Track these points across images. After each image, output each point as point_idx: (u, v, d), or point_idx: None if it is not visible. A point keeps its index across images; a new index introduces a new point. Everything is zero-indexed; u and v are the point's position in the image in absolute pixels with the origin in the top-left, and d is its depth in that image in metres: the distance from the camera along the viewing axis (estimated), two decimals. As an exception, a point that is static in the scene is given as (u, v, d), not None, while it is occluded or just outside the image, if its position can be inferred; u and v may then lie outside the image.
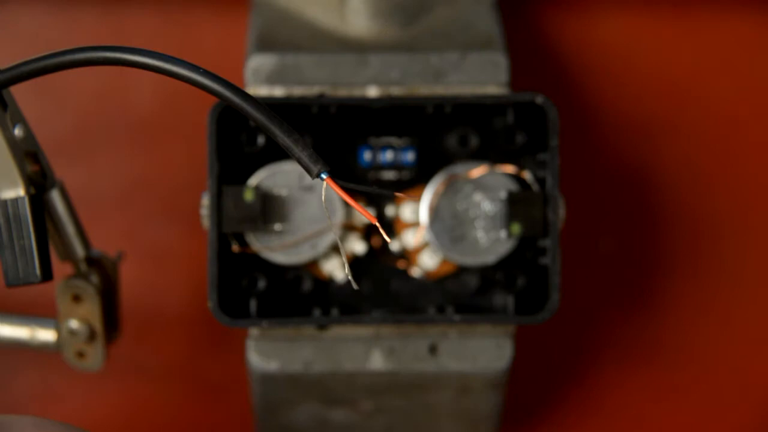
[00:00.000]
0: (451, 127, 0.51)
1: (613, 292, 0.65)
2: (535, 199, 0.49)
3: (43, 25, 0.63)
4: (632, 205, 0.65)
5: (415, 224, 0.51)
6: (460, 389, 0.53)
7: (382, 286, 0.52)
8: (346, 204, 0.49)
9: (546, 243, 0.49)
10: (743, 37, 0.64)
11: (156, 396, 0.64)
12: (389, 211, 0.51)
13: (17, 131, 0.43)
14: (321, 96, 0.50)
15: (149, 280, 0.63)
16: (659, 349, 0.66)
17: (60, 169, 0.49)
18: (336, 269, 0.51)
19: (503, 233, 0.50)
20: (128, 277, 0.56)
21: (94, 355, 0.51)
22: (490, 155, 0.51)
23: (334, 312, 0.50)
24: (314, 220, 0.49)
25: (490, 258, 0.50)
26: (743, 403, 0.66)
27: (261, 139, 0.50)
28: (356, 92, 0.51)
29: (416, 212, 0.50)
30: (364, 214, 0.34)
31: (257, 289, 0.50)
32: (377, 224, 0.35)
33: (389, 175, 0.51)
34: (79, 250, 0.49)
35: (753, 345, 0.66)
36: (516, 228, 0.49)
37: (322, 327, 0.51)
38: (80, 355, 0.51)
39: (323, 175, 0.33)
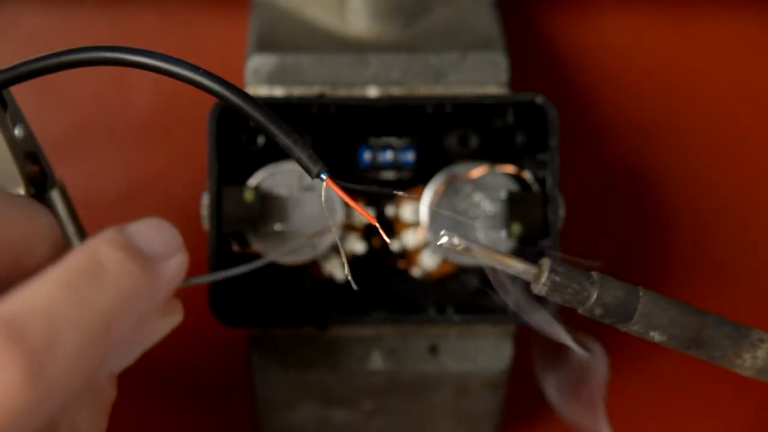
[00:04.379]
0: (451, 127, 0.51)
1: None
2: (535, 199, 0.49)
3: (43, 25, 0.62)
4: (632, 205, 0.65)
5: (415, 224, 0.51)
6: (460, 389, 0.53)
7: (382, 286, 0.52)
8: (346, 204, 0.49)
9: (546, 243, 0.49)
10: (743, 37, 0.64)
11: (156, 397, 0.64)
12: (389, 211, 0.51)
13: (17, 131, 0.43)
14: (321, 96, 0.50)
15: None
16: (659, 349, 0.65)
17: (60, 169, 0.49)
18: (336, 269, 0.51)
19: (503, 233, 0.50)
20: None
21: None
22: (490, 155, 0.51)
23: (334, 312, 0.50)
24: (314, 220, 0.49)
25: (490, 258, 0.50)
26: (743, 404, 0.66)
27: (261, 140, 0.50)
28: (356, 92, 0.51)
29: (416, 212, 0.50)
30: (364, 215, 0.34)
31: (257, 289, 0.50)
32: (377, 224, 0.35)
33: (389, 175, 0.51)
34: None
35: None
36: (516, 228, 0.49)
37: (322, 327, 0.51)
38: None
39: (323, 176, 0.33)
